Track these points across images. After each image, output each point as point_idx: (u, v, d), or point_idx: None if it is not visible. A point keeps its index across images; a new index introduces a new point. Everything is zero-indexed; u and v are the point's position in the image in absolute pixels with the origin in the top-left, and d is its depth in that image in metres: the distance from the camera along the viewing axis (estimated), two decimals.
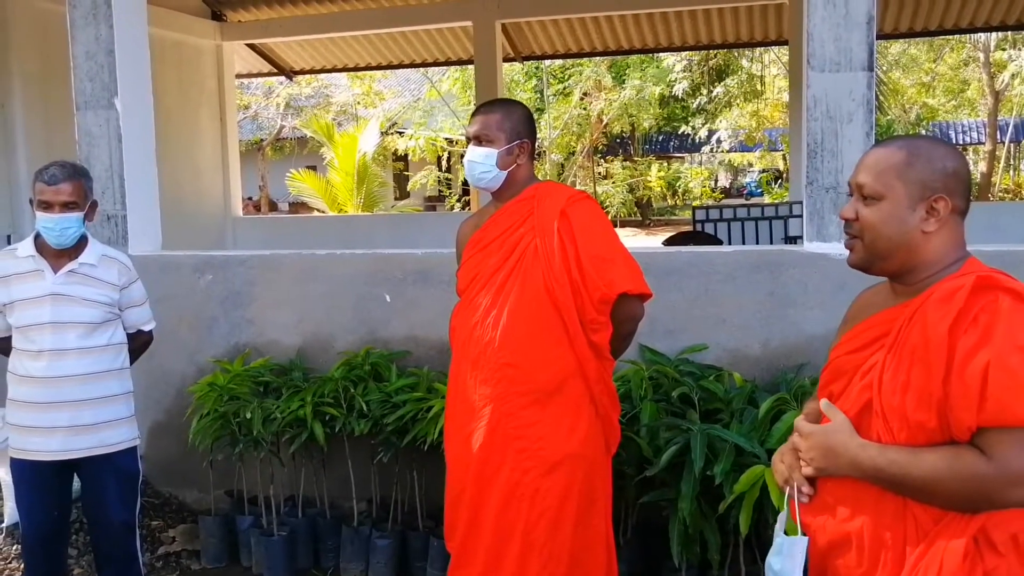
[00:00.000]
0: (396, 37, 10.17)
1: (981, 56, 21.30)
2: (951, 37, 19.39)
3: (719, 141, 25.48)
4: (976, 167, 23.35)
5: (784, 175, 23.93)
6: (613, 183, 23.75)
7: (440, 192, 24.67)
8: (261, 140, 22.51)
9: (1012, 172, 26.38)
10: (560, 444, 2.64)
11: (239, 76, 10.79)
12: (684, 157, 30.54)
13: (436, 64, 11.68)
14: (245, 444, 3.91)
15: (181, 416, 4.28)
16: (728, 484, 2.92)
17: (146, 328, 3.42)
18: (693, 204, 17.18)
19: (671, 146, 28.74)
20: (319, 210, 17.54)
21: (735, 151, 27.97)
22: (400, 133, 22.07)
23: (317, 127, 18.49)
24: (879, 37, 7.43)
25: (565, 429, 2.65)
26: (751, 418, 3.24)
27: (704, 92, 22.65)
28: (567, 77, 21.92)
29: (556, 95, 22.65)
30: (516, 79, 21.47)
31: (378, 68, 11.75)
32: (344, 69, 11.84)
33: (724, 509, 2.94)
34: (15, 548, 3.99)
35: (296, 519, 4.08)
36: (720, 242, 7.74)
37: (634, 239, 18.89)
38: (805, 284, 3.69)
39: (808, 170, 3.68)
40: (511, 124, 2.78)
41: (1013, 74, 20.76)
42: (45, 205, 3.06)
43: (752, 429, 3.16)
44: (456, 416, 2.81)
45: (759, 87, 22.64)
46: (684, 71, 21.68)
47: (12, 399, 3.17)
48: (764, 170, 28.62)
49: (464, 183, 20.96)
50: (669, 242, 7.69)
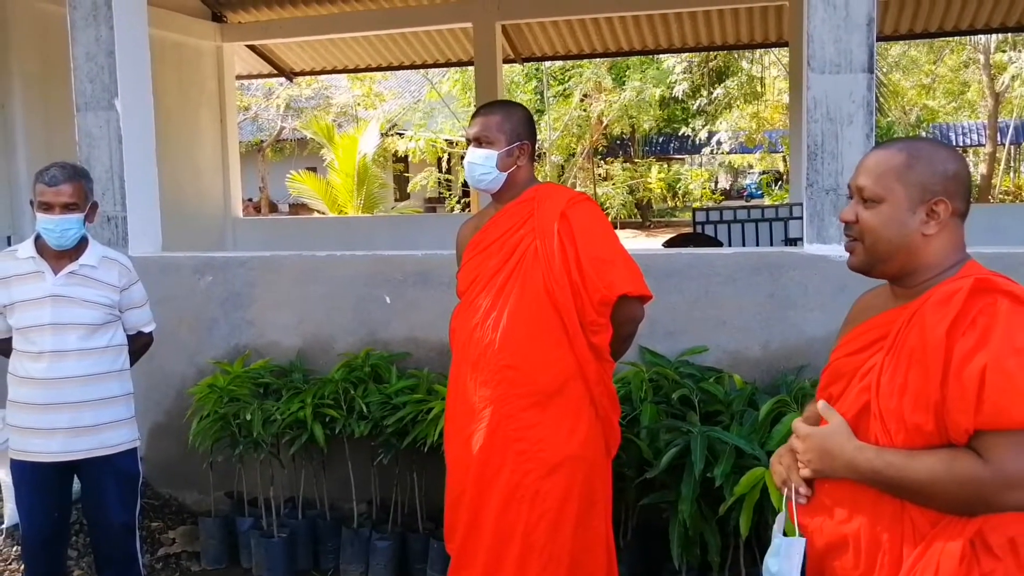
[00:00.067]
0: (396, 38, 10.17)
1: (981, 58, 21.30)
2: (951, 39, 19.43)
3: (719, 143, 25.50)
4: (976, 169, 23.36)
5: (784, 177, 23.92)
6: (613, 185, 23.73)
7: (440, 194, 24.65)
8: (261, 141, 22.51)
9: (1012, 174, 26.39)
10: (560, 446, 2.64)
11: (239, 77, 10.78)
12: (684, 159, 30.56)
13: (436, 65, 11.68)
14: (245, 446, 3.91)
15: (181, 417, 4.28)
16: (728, 486, 2.92)
17: (146, 330, 3.42)
18: (693, 206, 17.17)
19: (671, 148, 28.76)
20: (319, 211, 17.54)
21: (735, 153, 28.02)
22: (400, 134, 22.07)
23: (317, 128, 18.49)
24: (879, 39, 7.42)
25: (565, 431, 2.65)
26: (751, 420, 3.24)
27: (704, 94, 22.66)
28: (567, 78, 21.92)
29: (556, 96, 22.66)
30: (516, 80, 21.48)
31: (378, 69, 11.75)
32: (344, 70, 11.84)
33: (724, 511, 2.94)
34: (15, 549, 3.99)
35: (296, 521, 4.08)
36: (720, 244, 7.74)
37: (634, 241, 18.88)
38: (805, 286, 3.69)
39: (808, 172, 3.68)
40: (511, 126, 2.78)
41: (1013, 76, 20.76)
42: (45, 206, 3.06)
43: (752, 431, 3.16)
44: (456, 418, 2.81)
45: (759, 89, 22.65)
46: (684, 73, 21.68)
47: (12, 400, 3.17)
48: (764, 172, 28.63)
49: (464, 185, 20.94)
50: (669, 244, 7.68)
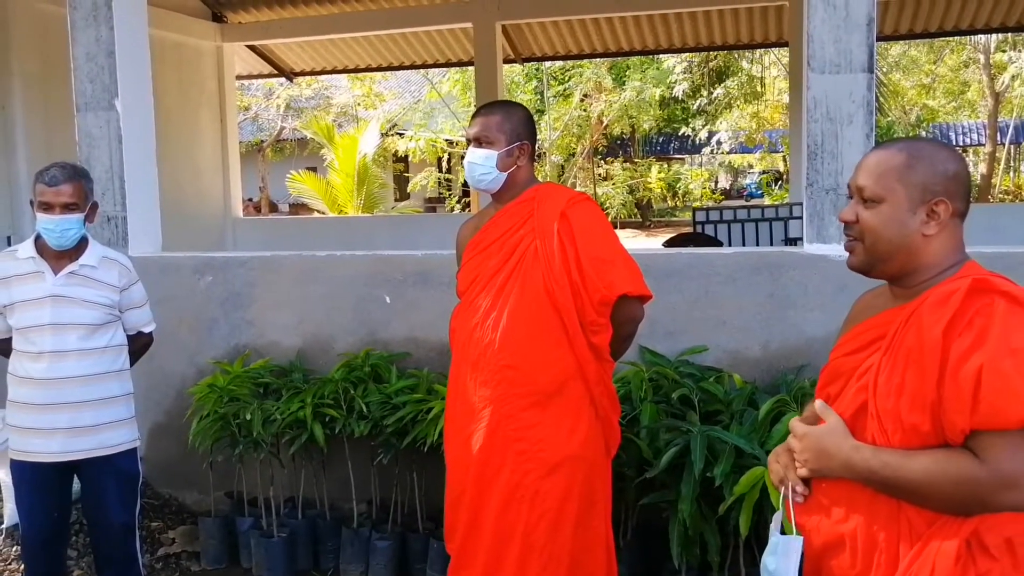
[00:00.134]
0: (396, 39, 10.17)
1: (981, 58, 21.30)
2: (951, 39, 19.43)
3: (719, 143, 25.50)
4: (976, 169, 23.37)
5: (784, 177, 23.92)
6: (613, 184, 23.73)
7: (440, 194, 24.66)
8: (261, 141, 22.52)
9: (1012, 174, 26.40)
10: (560, 446, 2.64)
11: (239, 77, 10.79)
12: (684, 159, 30.56)
13: (436, 66, 11.68)
14: (245, 445, 3.91)
15: (181, 417, 4.28)
16: (728, 486, 2.92)
17: (146, 330, 3.42)
18: (693, 206, 17.15)
19: (671, 147, 28.76)
20: (319, 211, 17.54)
21: (735, 153, 28.02)
22: (400, 134, 22.07)
23: (317, 128, 18.49)
24: (879, 39, 7.43)
25: (565, 431, 2.65)
26: (751, 420, 3.24)
27: (704, 94, 22.66)
28: (567, 79, 21.92)
29: (556, 96, 22.67)
30: (516, 80, 21.49)
31: (378, 70, 11.75)
32: (344, 71, 11.85)
33: (724, 511, 2.94)
34: (15, 549, 3.99)
35: (296, 520, 4.08)
36: (720, 244, 7.74)
37: (634, 240, 18.89)
38: (805, 286, 3.69)
39: (808, 172, 3.68)
40: (511, 126, 2.78)
41: (1013, 76, 20.76)
42: (46, 206, 3.06)
43: (752, 431, 3.16)
44: (456, 418, 2.81)
45: (759, 89, 22.65)
46: (684, 73, 21.68)
47: (12, 400, 3.17)
48: (764, 172, 28.64)
49: (464, 184, 20.93)
50: (669, 244, 7.68)
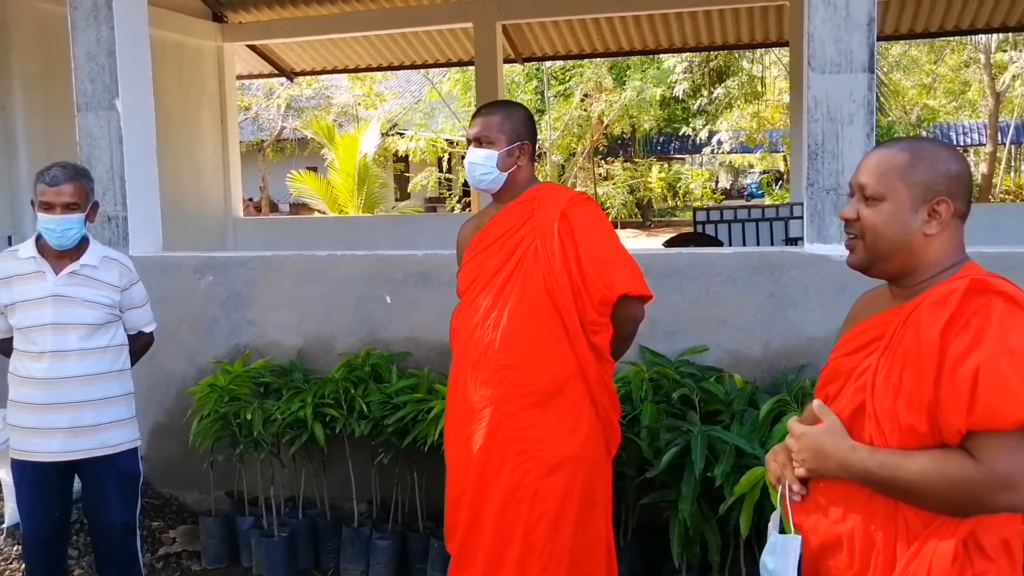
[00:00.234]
0: (397, 38, 10.18)
1: (982, 57, 21.30)
2: (952, 39, 19.43)
3: (720, 142, 25.51)
4: (977, 168, 23.36)
5: (785, 176, 23.92)
6: (614, 184, 23.74)
7: (441, 193, 24.67)
8: (262, 141, 22.53)
9: (1013, 173, 26.40)
10: (560, 446, 2.64)
11: (240, 77, 10.79)
12: (685, 158, 30.55)
13: (437, 65, 11.69)
14: (245, 445, 3.91)
15: (182, 417, 4.28)
16: (728, 486, 2.92)
17: (147, 330, 3.42)
18: (694, 205, 17.17)
19: (672, 147, 28.76)
20: (320, 211, 17.54)
21: (736, 152, 28.01)
22: (401, 134, 22.08)
23: (318, 128, 18.50)
24: (880, 38, 7.43)
25: (565, 431, 2.65)
26: (751, 420, 3.24)
27: (705, 93, 22.66)
28: (568, 78, 21.92)
29: (557, 96, 22.67)
30: (517, 80, 21.49)
31: (379, 69, 11.75)
32: (345, 70, 11.85)
33: (724, 510, 2.94)
34: (16, 549, 4.00)
35: (296, 520, 4.08)
36: (721, 243, 7.74)
37: (635, 240, 18.89)
38: (805, 286, 3.69)
39: (809, 172, 3.68)
40: (511, 126, 2.78)
41: (1014, 75, 20.77)
42: (46, 206, 3.06)
43: (752, 431, 3.16)
44: (456, 417, 2.81)
45: (760, 88, 22.64)
46: (685, 72, 21.68)
47: (13, 400, 3.17)
48: (765, 171, 28.63)
49: (464, 184, 20.95)
50: (670, 243, 7.68)
